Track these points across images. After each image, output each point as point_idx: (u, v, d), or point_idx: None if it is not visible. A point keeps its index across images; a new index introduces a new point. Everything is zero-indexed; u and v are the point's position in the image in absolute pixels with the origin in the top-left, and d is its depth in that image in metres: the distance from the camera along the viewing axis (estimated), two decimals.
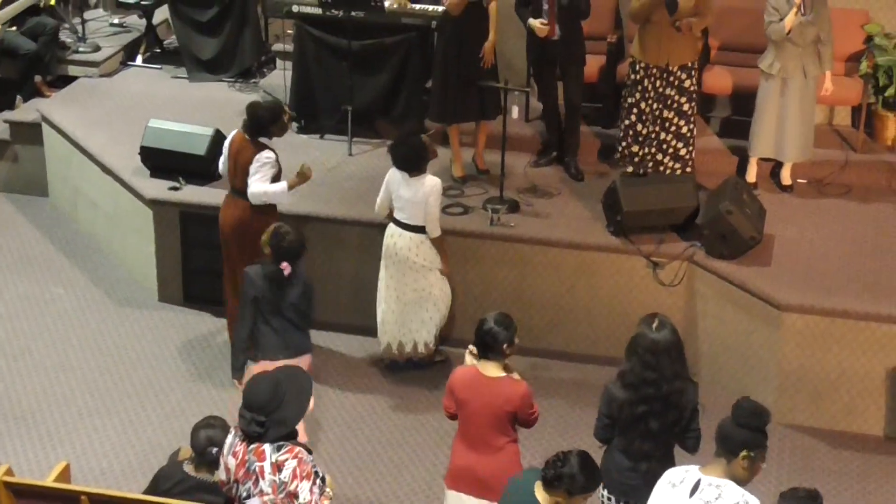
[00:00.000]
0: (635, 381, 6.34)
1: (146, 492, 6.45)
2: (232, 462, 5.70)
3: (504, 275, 9.50)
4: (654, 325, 6.34)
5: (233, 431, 5.79)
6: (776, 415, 8.45)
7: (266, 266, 7.67)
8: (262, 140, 8.82)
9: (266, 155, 8.74)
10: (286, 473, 5.59)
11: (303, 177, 8.86)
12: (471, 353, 6.78)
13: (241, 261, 8.79)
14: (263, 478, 5.60)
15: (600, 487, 6.32)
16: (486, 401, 6.60)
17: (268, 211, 8.83)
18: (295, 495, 5.60)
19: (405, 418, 8.93)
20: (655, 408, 6.34)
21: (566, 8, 9.74)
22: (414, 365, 9.33)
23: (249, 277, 7.66)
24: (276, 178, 8.81)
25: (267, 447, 5.62)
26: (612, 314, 9.42)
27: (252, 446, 5.64)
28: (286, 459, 5.60)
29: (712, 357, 9.20)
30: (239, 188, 8.88)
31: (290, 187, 8.82)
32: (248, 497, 5.64)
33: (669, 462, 6.42)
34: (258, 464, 5.60)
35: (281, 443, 5.64)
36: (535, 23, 9.83)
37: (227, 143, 9.05)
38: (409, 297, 9.05)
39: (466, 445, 6.77)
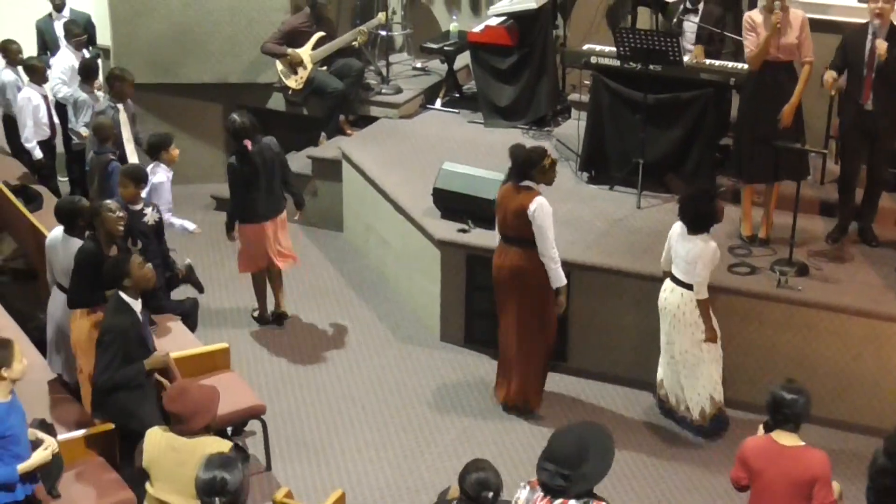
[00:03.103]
0: (893, 448, 6.16)
1: None
2: None
3: (788, 339, 9.27)
4: None
5: (527, 486, 5.74)
6: None
7: (235, 152, 10.02)
8: (529, 184, 8.90)
9: (541, 201, 8.78)
10: None
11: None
12: (765, 425, 6.65)
13: (521, 307, 8.93)
14: None
15: None
16: (784, 470, 6.43)
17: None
18: None
19: (676, 478, 8.79)
20: None
21: (883, 77, 9.45)
22: (685, 426, 9.17)
23: (232, 164, 10.01)
24: None
25: (572, 503, 5.57)
26: None
27: (557, 501, 5.58)
28: None
29: None
30: (512, 236, 9.00)
31: None
32: None
33: None
34: None
35: (586, 499, 5.59)
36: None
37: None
38: (680, 358, 8.93)
39: None
